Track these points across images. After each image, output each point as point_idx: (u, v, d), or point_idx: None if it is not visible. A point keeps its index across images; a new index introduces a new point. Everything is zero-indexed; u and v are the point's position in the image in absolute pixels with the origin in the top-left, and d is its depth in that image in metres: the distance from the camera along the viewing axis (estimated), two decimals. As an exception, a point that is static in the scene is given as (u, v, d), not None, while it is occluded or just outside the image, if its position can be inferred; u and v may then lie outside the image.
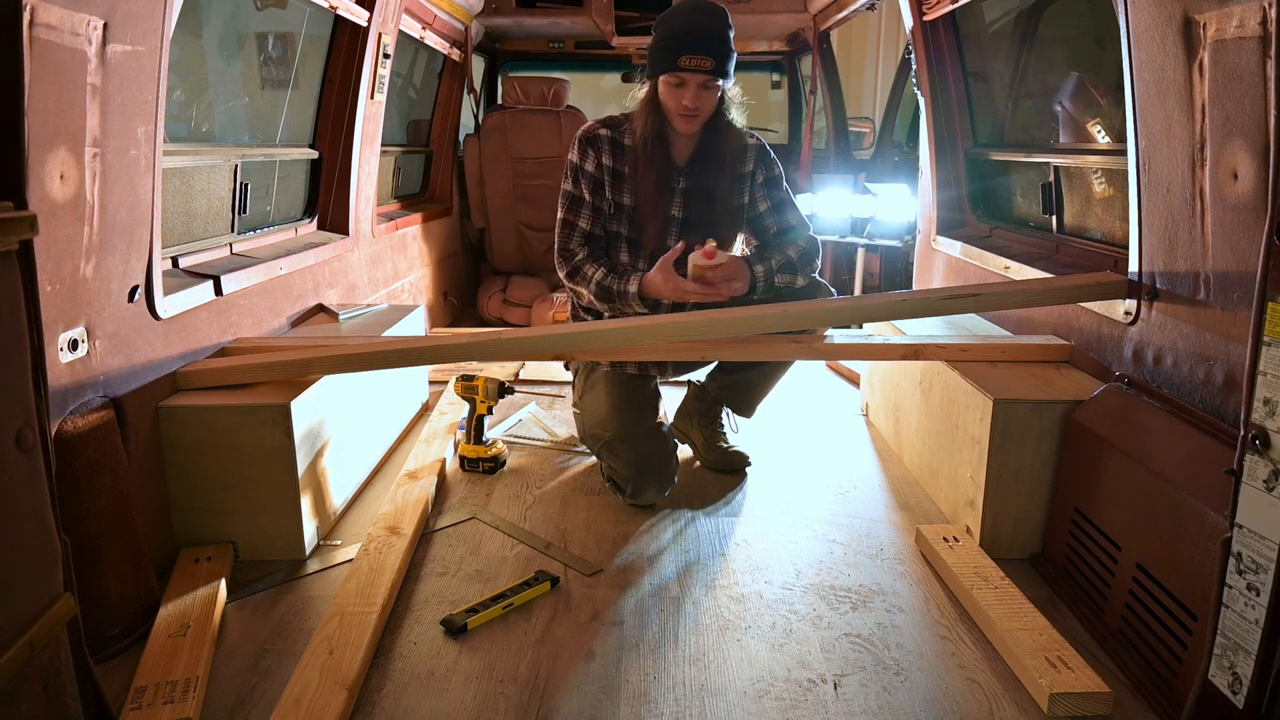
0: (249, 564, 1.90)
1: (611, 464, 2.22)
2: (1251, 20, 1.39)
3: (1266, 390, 1.13)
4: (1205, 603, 1.33)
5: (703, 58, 2.02)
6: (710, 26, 2.05)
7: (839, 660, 1.58)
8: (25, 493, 1.02)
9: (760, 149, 2.26)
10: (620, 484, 2.21)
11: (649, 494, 2.19)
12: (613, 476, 2.23)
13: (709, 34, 2.04)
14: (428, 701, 1.46)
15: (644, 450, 2.17)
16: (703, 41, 2.03)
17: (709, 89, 2.07)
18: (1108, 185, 2.37)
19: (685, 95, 2.06)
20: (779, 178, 2.28)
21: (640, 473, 2.16)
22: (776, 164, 2.28)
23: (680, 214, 2.22)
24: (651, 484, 2.18)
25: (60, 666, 1.06)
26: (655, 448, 2.19)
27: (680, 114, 2.09)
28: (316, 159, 3.13)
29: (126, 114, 1.66)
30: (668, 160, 2.18)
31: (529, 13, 4.55)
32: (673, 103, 2.09)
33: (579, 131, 2.23)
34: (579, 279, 2.20)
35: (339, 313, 2.71)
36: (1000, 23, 3.03)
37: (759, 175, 2.25)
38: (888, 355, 2.30)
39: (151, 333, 1.84)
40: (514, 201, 5.05)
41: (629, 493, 2.19)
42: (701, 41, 2.03)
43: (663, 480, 2.19)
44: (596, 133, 2.21)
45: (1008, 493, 1.93)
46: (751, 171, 2.25)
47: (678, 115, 2.10)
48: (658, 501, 2.23)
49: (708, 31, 2.04)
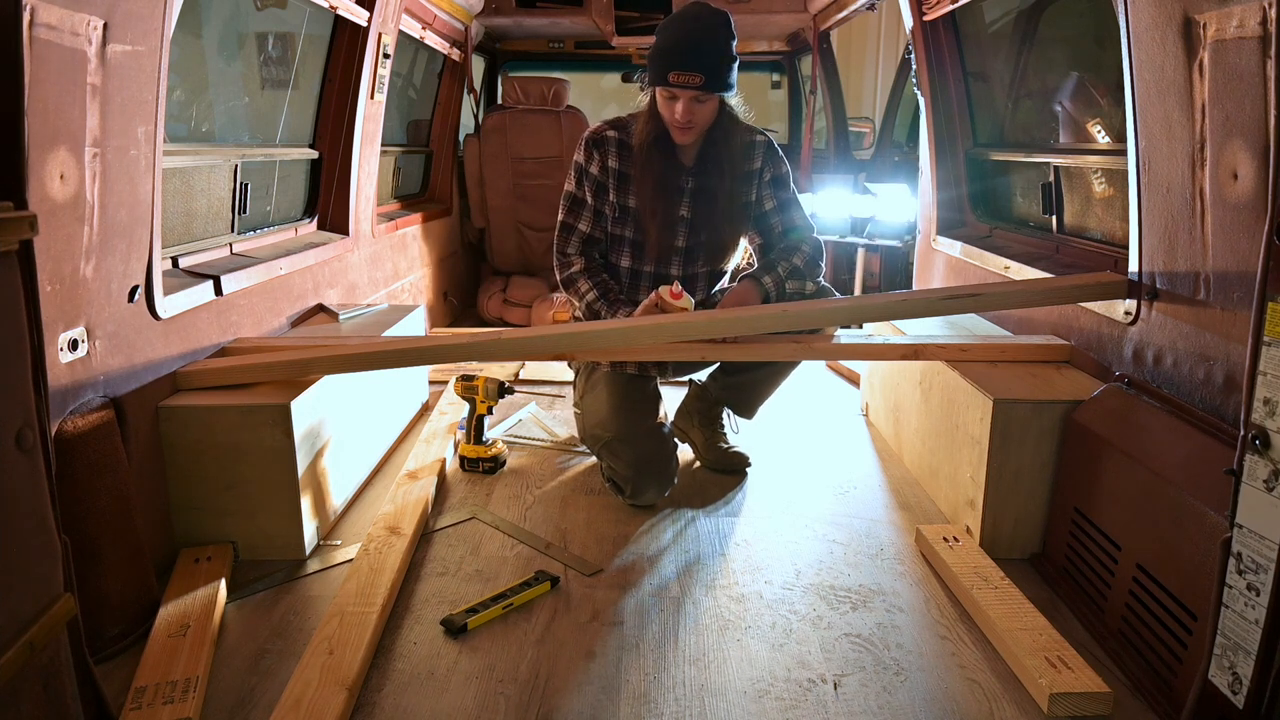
0: (249, 564, 1.90)
1: (611, 464, 2.22)
2: (1251, 20, 1.39)
3: (1266, 390, 1.13)
4: (1205, 603, 1.33)
5: (691, 74, 1.99)
6: (703, 40, 2.01)
7: (839, 660, 1.58)
8: (25, 493, 1.02)
9: (768, 146, 2.26)
10: (620, 484, 2.21)
11: (649, 494, 2.19)
12: (613, 477, 2.23)
13: (699, 48, 2.00)
14: (428, 701, 1.46)
15: (644, 451, 2.17)
16: (692, 56, 1.99)
17: (701, 102, 2.05)
18: (1108, 185, 2.37)
19: (677, 109, 2.04)
20: (785, 176, 2.28)
21: (640, 473, 2.16)
22: (784, 162, 2.28)
23: (688, 214, 2.22)
24: (651, 484, 2.18)
25: (60, 666, 1.06)
26: (655, 448, 2.19)
27: (674, 126, 2.09)
28: (316, 159, 3.13)
29: (126, 114, 1.66)
30: (673, 162, 2.18)
31: (529, 13, 4.55)
32: (667, 114, 2.09)
33: (586, 133, 2.24)
34: (573, 291, 2.24)
35: (339, 313, 2.70)
36: (1000, 23, 3.03)
37: (766, 173, 2.25)
38: (888, 355, 2.30)
39: (151, 333, 1.84)
40: (514, 201, 5.05)
41: (629, 493, 2.19)
42: (691, 56, 1.99)
43: (663, 481, 2.19)
44: (604, 134, 2.21)
45: (1008, 493, 1.93)
46: (760, 169, 2.24)
47: (673, 127, 2.10)
48: (658, 502, 2.23)
49: (698, 46, 2.00)
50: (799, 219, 2.27)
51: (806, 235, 2.25)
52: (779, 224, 2.26)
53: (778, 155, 2.27)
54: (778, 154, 2.27)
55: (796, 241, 2.24)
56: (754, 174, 2.24)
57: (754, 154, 2.23)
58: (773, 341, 2.18)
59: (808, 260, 2.21)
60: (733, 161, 2.18)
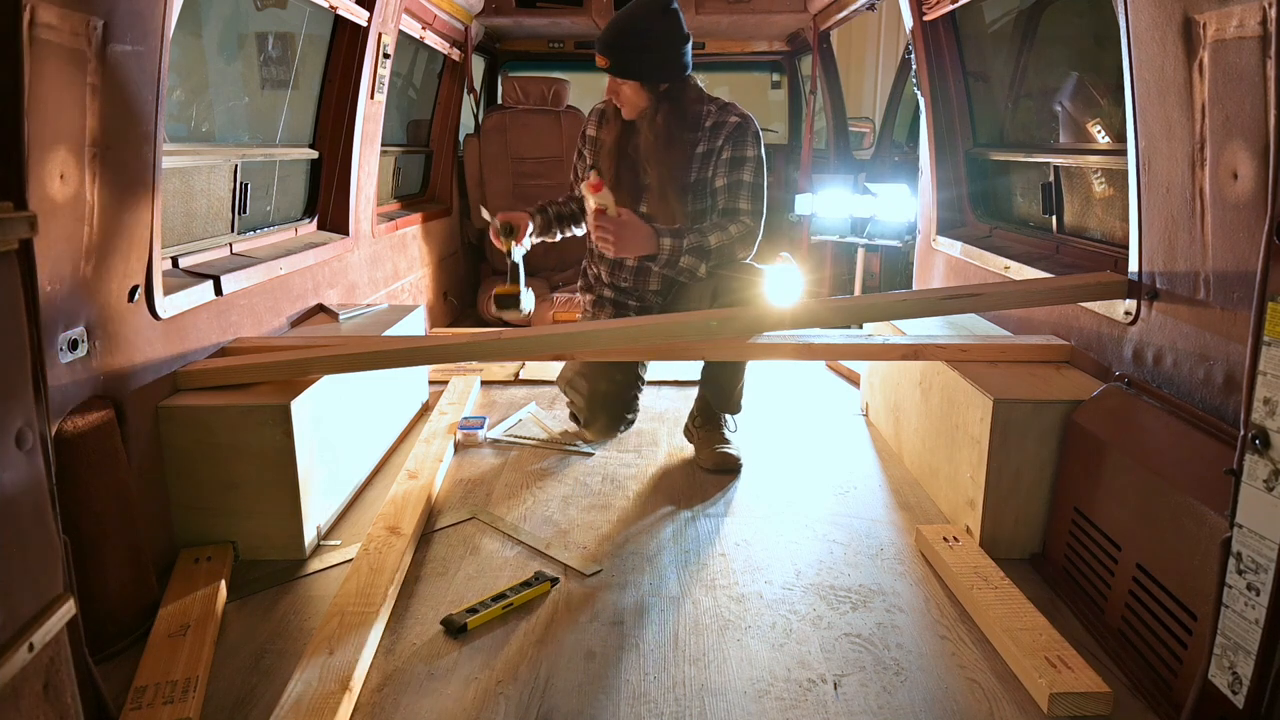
0: (249, 564, 1.90)
1: (573, 399, 2.55)
2: (1251, 20, 1.39)
3: (1266, 390, 1.13)
4: (1205, 603, 1.33)
5: (603, 55, 2.24)
6: (623, 28, 2.23)
7: (839, 660, 1.58)
8: (25, 493, 1.01)
9: (737, 128, 2.32)
10: (578, 415, 2.55)
11: (600, 422, 2.49)
12: (573, 409, 2.56)
13: (614, 37, 2.23)
14: (428, 701, 1.46)
15: (601, 386, 2.46)
16: (606, 43, 2.23)
17: (622, 84, 2.26)
18: (1108, 185, 2.37)
19: (608, 86, 2.30)
20: (745, 160, 2.31)
21: (592, 403, 2.46)
22: (750, 146, 2.32)
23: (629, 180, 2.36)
24: (603, 414, 2.46)
25: (60, 666, 1.05)
26: (610, 386, 2.46)
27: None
28: (316, 159, 3.13)
29: (126, 114, 1.66)
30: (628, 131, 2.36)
31: (529, 13, 4.55)
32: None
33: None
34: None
35: (339, 313, 2.70)
36: (1000, 23, 3.03)
37: (725, 152, 2.32)
38: (888, 355, 2.30)
39: (151, 333, 1.84)
40: (514, 201, 5.04)
41: (583, 422, 2.53)
42: (605, 42, 2.23)
43: (613, 412, 2.48)
44: (595, 107, 2.50)
45: (1008, 493, 1.93)
46: (719, 147, 2.32)
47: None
48: (610, 437, 2.56)
49: (616, 33, 2.23)
50: (743, 203, 2.32)
51: (741, 219, 2.31)
52: (722, 202, 2.33)
53: (745, 139, 2.31)
54: (746, 138, 2.31)
55: (725, 222, 2.30)
56: (712, 152, 2.32)
57: (718, 133, 2.32)
58: (771, 341, 2.18)
59: (724, 242, 2.28)
60: (671, 137, 2.29)
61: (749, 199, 2.31)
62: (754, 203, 2.32)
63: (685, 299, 2.37)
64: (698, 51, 2.54)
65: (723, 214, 2.32)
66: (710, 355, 2.27)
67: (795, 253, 4.74)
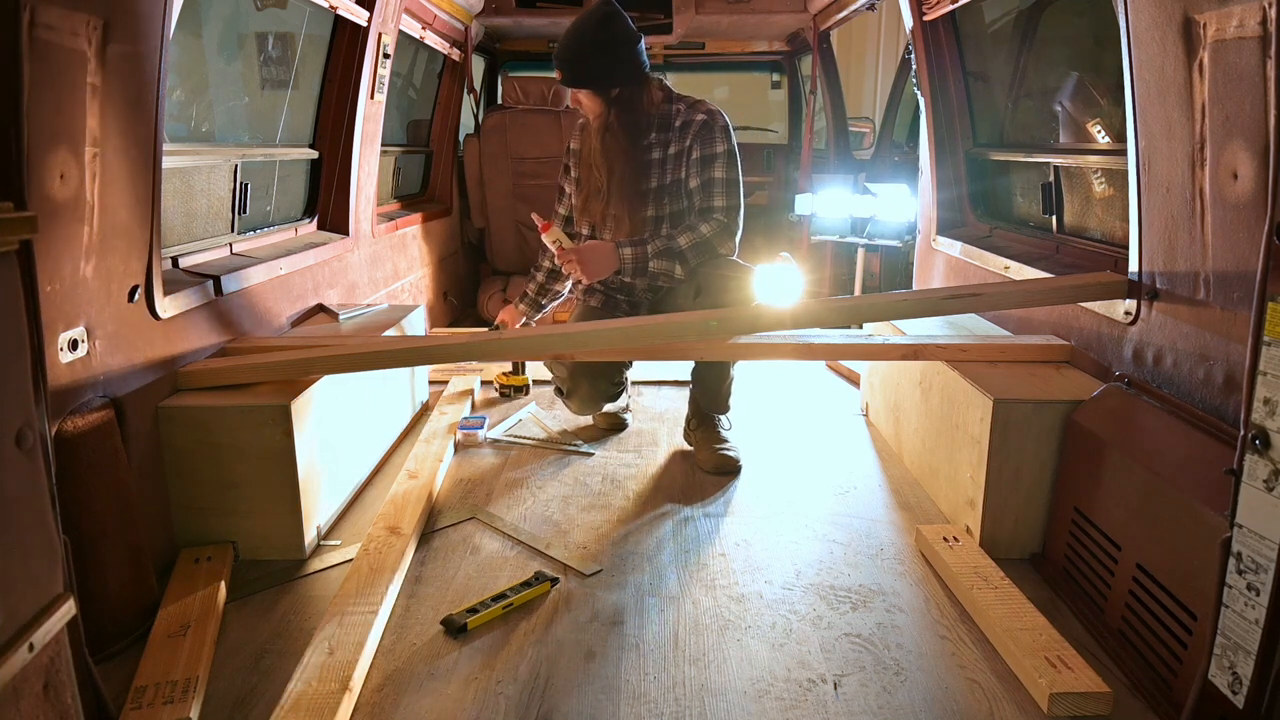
0: (249, 564, 1.90)
1: (558, 373, 2.56)
2: (1251, 20, 1.39)
3: (1266, 390, 1.13)
4: (1205, 603, 1.33)
5: (556, 68, 2.29)
6: (565, 37, 2.28)
7: (839, 660, 1.58)
8: (25, 493, 1.01)
9: (704, 126, 2.32)
10: (561, 387, 2.57)
11: (581, 390, 2.49)
12: (557, 383, 2.59)
13: (561, 45, 2.28)
14: (428, 701, 1.46)
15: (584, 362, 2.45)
16: (556, 53, 2.29)
17: (578, 93, 2.31)
18: (1108, 185, 2.37)
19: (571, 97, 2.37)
20: (716, 156, 2.32)
21: (574, 377, 2.48)
22: (720, 142, 2.32)
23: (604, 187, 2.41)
24: (584, 384, 2.48)
25: (60, 666, 1.05)
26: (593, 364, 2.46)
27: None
28: (316, 159, 3.13)
29: (126, 114, 1.66)
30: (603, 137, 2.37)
31: (529, 13, 4.55)
32: None
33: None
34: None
35: (339, 313, 2.70)
36: (1000, 23, 3.03)
37: (694, 151, 2.33)
38: (888, 355, 2.30)
39: (151, 332, 1.84)
40: (514, 201, 5.05)
41: (565, 393, 2.55)
42: (555, 53, 2.29)
43: (594, 385, 2.48)
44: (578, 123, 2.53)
45: (1008, 493, 1.93)
46: (688, 147, 2.33)
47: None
48: (594, 409, 2.61)
49: (562, 43, 2.28)
50: (717, 200, 2.32)
51: (714, 217, 2.31)
52: (698, 202, 2.34)
53: (713, 135, 2.32)
54: (714, 134, 2.32)
55: (697, 222, 2.31)
56: (683, 152, 2.34)
57: (686, 132, 2.33)
58: (769, 341, 2.19)
59: (697, 241, 2.29)
60: (623, 142, 2.32)
61: (723, 195, 2.32)
62: (728, 198, 2.32)
63: (671, 297, 2.39)
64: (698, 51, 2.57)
65: (699, 214, 2.33)
66: (710, 355, 2.27)
67: (795, 253, 4.74)
